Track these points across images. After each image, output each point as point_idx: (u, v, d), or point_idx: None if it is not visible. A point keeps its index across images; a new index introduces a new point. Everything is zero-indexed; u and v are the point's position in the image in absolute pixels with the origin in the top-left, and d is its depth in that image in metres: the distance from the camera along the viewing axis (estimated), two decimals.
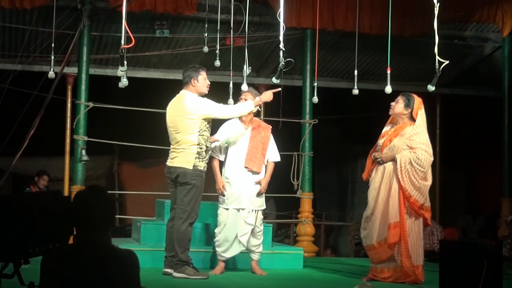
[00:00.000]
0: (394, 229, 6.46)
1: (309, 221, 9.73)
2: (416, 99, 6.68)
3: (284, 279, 7.03)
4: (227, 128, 7.20)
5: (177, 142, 6.65)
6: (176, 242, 6.61)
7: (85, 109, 9.11)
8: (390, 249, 6.51)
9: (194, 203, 6.59)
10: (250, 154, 7.12)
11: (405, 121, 6.67)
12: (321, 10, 9.31)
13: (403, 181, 6.45)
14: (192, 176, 6.56)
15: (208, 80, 6.81)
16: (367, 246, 6.76)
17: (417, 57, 11.36)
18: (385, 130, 6.86)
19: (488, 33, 11.14)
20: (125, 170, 13.99)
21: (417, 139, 6.53)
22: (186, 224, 6.57)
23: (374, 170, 6.76)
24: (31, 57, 10.20)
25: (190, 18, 9.98)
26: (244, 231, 7.03)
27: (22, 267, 3.86)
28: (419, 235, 6.59)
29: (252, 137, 7.16)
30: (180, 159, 6.61)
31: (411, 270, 6.48)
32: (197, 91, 6.72)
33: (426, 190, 6.51)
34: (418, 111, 6.62)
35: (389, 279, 6.59)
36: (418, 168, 6.46)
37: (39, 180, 10.44)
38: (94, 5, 9.31)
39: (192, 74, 6.73)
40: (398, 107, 6.70)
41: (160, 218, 8.21)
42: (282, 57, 6.26)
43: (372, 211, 6.65)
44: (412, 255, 6.46)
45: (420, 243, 6.59)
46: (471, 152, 14.70)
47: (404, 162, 6.48)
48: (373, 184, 6.71)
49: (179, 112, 6.63)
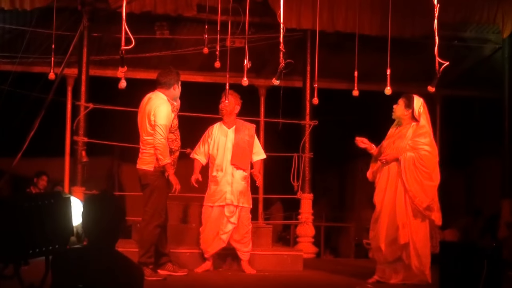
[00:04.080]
0: (403, 229, 6.47)
1: (309, 222, 9.72)
2: (416, 99, 6.69)
3: (284, 281, 7.03)
4: (210, 130, 7.36)
5: (141, 142, 6.69)
6: (139, 243, 6.62)
7: (85, 110, 9.11)
8: (394, 249, 6.51)
9: (157, 204, 6.57)
10: (236, 151, 7.27)
11: (408, 122, 6.69)
12: (321, 11, 9.30)
13: (406, 182, 6.46)
14: (153, 178, 6.56)
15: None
16: (375, 247, 6.78)
17: (417, 58, 11.35)
18: (390, 131, 6.88)
19: (488, 34, 11.12)
20: (125, 171, 13.97)
21: (420, 140, 6.54)
22: (151, 226, 6.55)
23: (379, 172, 6.76)
24: (31, 58, 10.19)
25: (190, 19, 9.97)
26: (227, 229, 7.13)
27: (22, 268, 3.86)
28: (427, 236, 6.59)
29: (237, 135, 7.32)
30: (141, 160, 6.65)
31: (420, 270, 6.48)
32: (174, 95, 6.73)
33: (432, 191, 6.50)
34: (420, 111, 6.62)
35: (397, 281, 6.58)
36: (422, 169, 6.46)
37: (38, 181, 10.44)
38: (94, 6, 9.30)
39: (175, 79, 6.73)
40: (399, 109, 6.74)
41: None
42: (282, 58, 6.26)
43: (379, 212, 6.67)
44: (422, 256, 6.46)
45: (427, 244, 6.59)
46: (471, 153, 14.68)
47: (407, 163, 6.48)
48: (379, 186, 6.73)
49: (148, 112, 6.62)
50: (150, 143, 6.56)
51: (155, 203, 6.56)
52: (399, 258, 6.56)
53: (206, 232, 7.20)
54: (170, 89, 6.70)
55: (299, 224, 9.81)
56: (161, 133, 6.49)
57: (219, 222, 7.16)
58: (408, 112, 6.68)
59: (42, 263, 3.85)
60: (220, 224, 7.16)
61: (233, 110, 7.39)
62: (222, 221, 7.15)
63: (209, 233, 7.19)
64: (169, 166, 6.51)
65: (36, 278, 3.78)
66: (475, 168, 15.01)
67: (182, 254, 7.41)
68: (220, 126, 7.38)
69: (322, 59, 10.75)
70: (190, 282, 6.63)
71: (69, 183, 9.95)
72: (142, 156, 6.65)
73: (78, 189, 9.03)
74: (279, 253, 7.94)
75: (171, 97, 6.70)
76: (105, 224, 3.15)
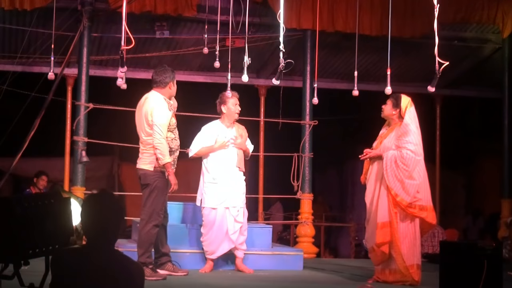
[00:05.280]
0: (382, 229, 6.49)
1: (309, 222, 9.72)
2: (404, 98, 6.72)
3: (284, 281, 7.03)
4: (210, 130, 7.31)
5: (141, 142, 6.68)
6: (138, 243, 6.62)
7: (85, 110, 9.10)
8: (381, 249, 6.52)
9: (156, 205, 6.57)
10: (240, 155, 7.29)
11: (396, 121, 6.73)
12: (321, 11, 9.31)
13: (388, 180, 6.48)
14: (153, 178, 6.56)
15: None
16: (368, 249, 6.81)
17: (417, 58, 11.35)
18: (381, 132, 6.92)
19: (488, 34, 11.12)
20: (125, 171, 13.97)
21: (403, 138, 6.56)
22: (149, 226, 6.55)
23: (369, 173, 6.81)
24: (31, 58, 10.19)
25: (190, 19, 9.97)
26: (235, 229, 7.15)
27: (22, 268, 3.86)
28: (416, 235, 6.59)
29: (237, 138, 7.31)
30: (142, 160, 6.65)
31: (404, 267, 6.47)
32: (170, 94, 6.72)
33: (413, 189, 6.48)
34: (406, 109, 6.63)
35: (391, 280, 6.59)
36: (402, 167, 6.48)
37: (38, 181, 10.43)
38: (94, 6, 9.30)
39: (170, 77, 6.71)
40: (387, 108, 6.79)
41: None
42: (282, 58, 6.26)
43: (369, 213, 6.71)
44: (406, 254, 6.46)
45: (417, 243, 6.60)
46: (471, 153, 14.69)
47: (389, 161, 6.52)
48: (369, 187, 6.78)
49: (144, 112, 6.62)
50: (149, 143, 6.56)
51: (154, 203, 6.56)
52: (391, 259, 6.56)
53: (212, 234, 7.17)
54: (165, 87, 6.69)
55: (299, 224, 9.81)
56: (160, 133, 6.49)
57: (225, 223, 7.15)
58: (396, 111, 6.71)
59: (42, 263, 3.85)
60: (226, 225, 7.14)
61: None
62: (228, 222, 7.14)
63: (216, 235, 7.16)
64: (169, 166, 6.51)
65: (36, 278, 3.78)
66: (475, 168, 15.02)
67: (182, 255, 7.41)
68: (219, 126, 7.35)
69: (322, 59, 10.81)
70: (190, 282, 6.63)
71: (69, 183, 9.94)
72: (142, 156, 6.66)
73: (78, 189, 9.02)
74: (279, 253, 7.94)
75: (167, 96, 6.69)
76: (104, 223, 3.14)
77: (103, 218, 3.15)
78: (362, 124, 12.85)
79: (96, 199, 3.23)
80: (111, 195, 3.24)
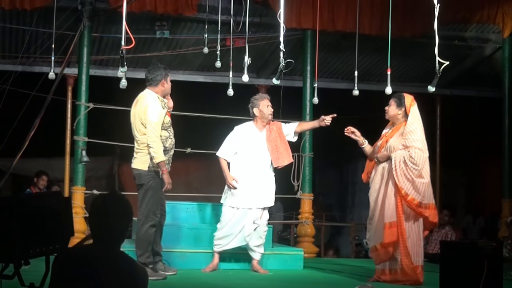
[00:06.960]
0: (389, 229, 6.49)
1: (309, 222, 9.72)
2: (407, 97, 6.72)
3: (285, 280, 7.04)
4: (241, 134, 7.28)
5: (136, 141, 6.67)
6: (136, 244, 6.61)
7: (86, 110, 9.11)
8: (386, 249, 6.52)
9: (151, 205, 6.55)
10: (275, 154, 7.26)
11: (401, 121, 6.73)
12: (321, 11, 9.31)
13: (398, 180, 6.47)
14: (147, 178, 6.54)
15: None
16: (370, 248, 6.80)
17: (417, 58, 11.36)
18: (384, 132, 6.91)
19: (488, 34, 11.13)
20: (125, 171, 13.95)
21: (410, 137, 6.55)
22: (146, 227, 6.54)
23: (374, 172, 6.79)
24: (31, 58, 10.19)
25: (191, 19, 9.97)
26: (251, 230, 7.15)
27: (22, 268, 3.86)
28: (419, 235, 6.61)
29: (268, 137, 7.29)
30: (136, 160, 6.62)
31: (410, 268, 6.48)
32: (164, 92, 6.71)
33: (423, 188, 6.50)
34: (410, 108, 6.64)
35: (391, 280, 6.59)
36: (412, 167, 6.47)
37: (38, 180, 10.43)
38: (94, 6, 9.30)
39: (162, 74, 6.69)
40: (392, 109, 6.77)
41: None
42: (282, 58, 6.26)
43: (373, 212, 6.69)
44: (412, 255, 6.47)
45: (419, 243, 6.61)
46: (471, 153, 14.69)
47: (398, 161, 6.51)
48: (373, 186, 6.76)
49: (138, 111, 6.60)
50: (144, 142, 6.54)
51: (149, 203, 6.54)
52: (393, 258, 6.56)
53: (226, 230, 7.18)
54: (158, 85, 6.66)
55: (299, 224, 9.81)
56: (153, 131, 6.45)
57: (242, 223, 7.16)
58: (401, 111, 6.70)
59: (42, 263, 3.85)
60: (243, 225, 7.15)
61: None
62: (247, 222, 7.15)
63: (230, 231, 7.17)
64: (163, 164, 6.47)
65: (36, 278, 3.78)
66: (475, 168, 15.02)
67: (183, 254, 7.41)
68: (252, 129, 7.33)
69: (322, 59, 10.81)
70: (191, 282, 6.63)
71: (69, 183, 9.94)
72: (136, 155, 6.63)
73: (78, 189, 9.03)
74: (279, 253, 7.94)
75: (160, 94, 6.67)
76: (112, 224, 3.14)
77: (112, 219, 3.15)
78: (362, 124, 12.84)
79: (105, 200, 3.23)
80: (120, 196, 3.24)
